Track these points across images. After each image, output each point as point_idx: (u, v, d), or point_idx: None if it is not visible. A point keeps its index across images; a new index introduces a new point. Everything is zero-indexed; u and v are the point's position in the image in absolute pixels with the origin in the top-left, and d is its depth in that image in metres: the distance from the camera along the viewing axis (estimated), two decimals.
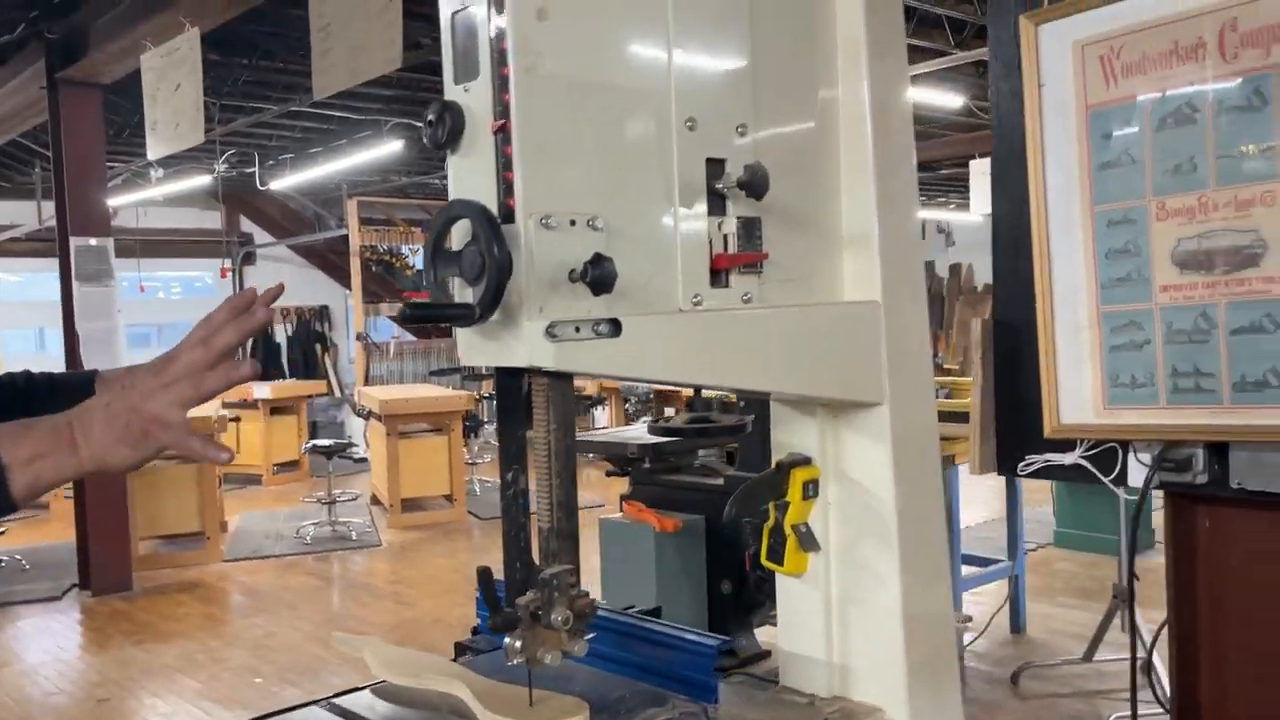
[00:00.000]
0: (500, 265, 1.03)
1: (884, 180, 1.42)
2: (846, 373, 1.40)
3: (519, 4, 1.07)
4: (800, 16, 1.39)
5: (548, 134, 1.09)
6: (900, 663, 1.42)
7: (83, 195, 6.03)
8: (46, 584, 6.29)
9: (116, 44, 5.29)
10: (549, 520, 1.15)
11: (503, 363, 1.11)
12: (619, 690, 1.29)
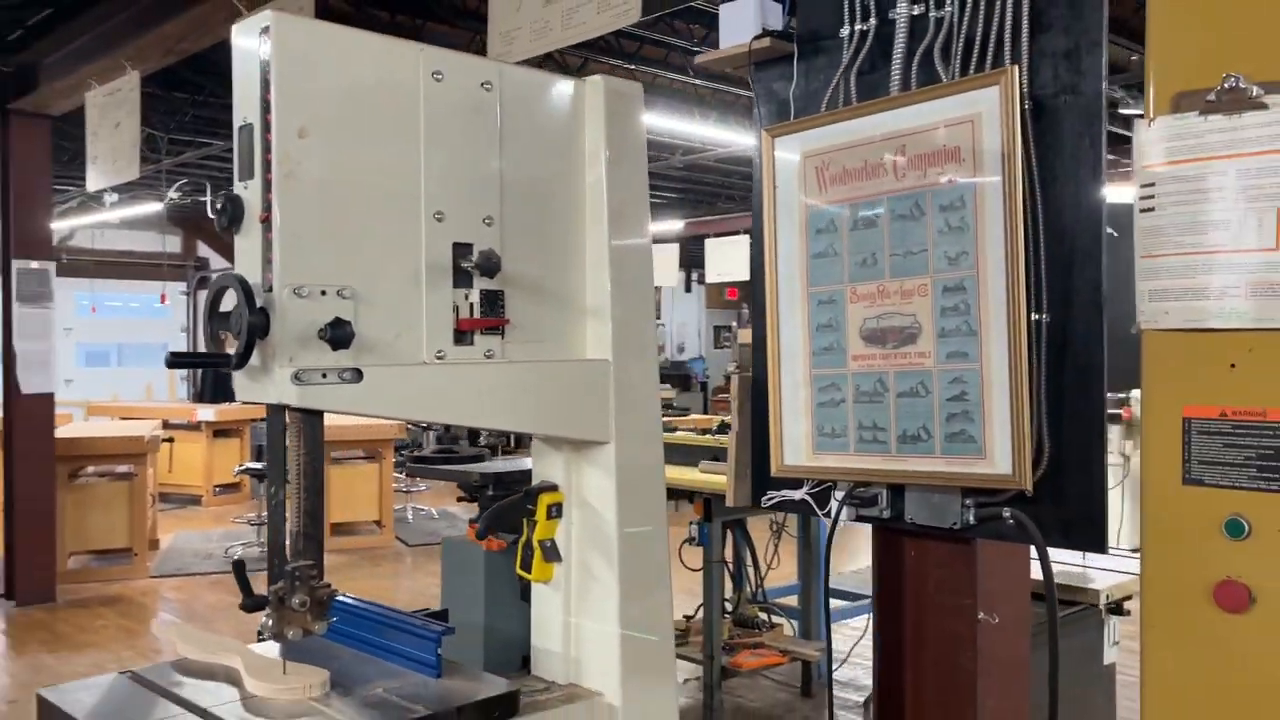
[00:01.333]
0: (251, 325, 1.35)
1: (618, 266, 1.76)
2: (577, 416, 1.73)
3: (282, 124, 1.41)
4: (549, 131, 1.73)
5: (302, 224, 1.42)
6: (616, 656, 1.74)
7: (27, 220, 6.29)
8: None
9: (65, 81, 5.59)
10: (297, 525, 1.47)
11: (259, 400, 1.43)
12: (362, 665, 1.60)
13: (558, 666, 1.81)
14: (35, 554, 6.31)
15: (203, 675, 1.57)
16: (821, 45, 2.08)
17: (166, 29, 4.62)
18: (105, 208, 9.92)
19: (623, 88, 1.80)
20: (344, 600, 1.67)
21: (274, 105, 1.39)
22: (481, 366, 1.62)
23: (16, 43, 5.82)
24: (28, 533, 6.28)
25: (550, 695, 1.75)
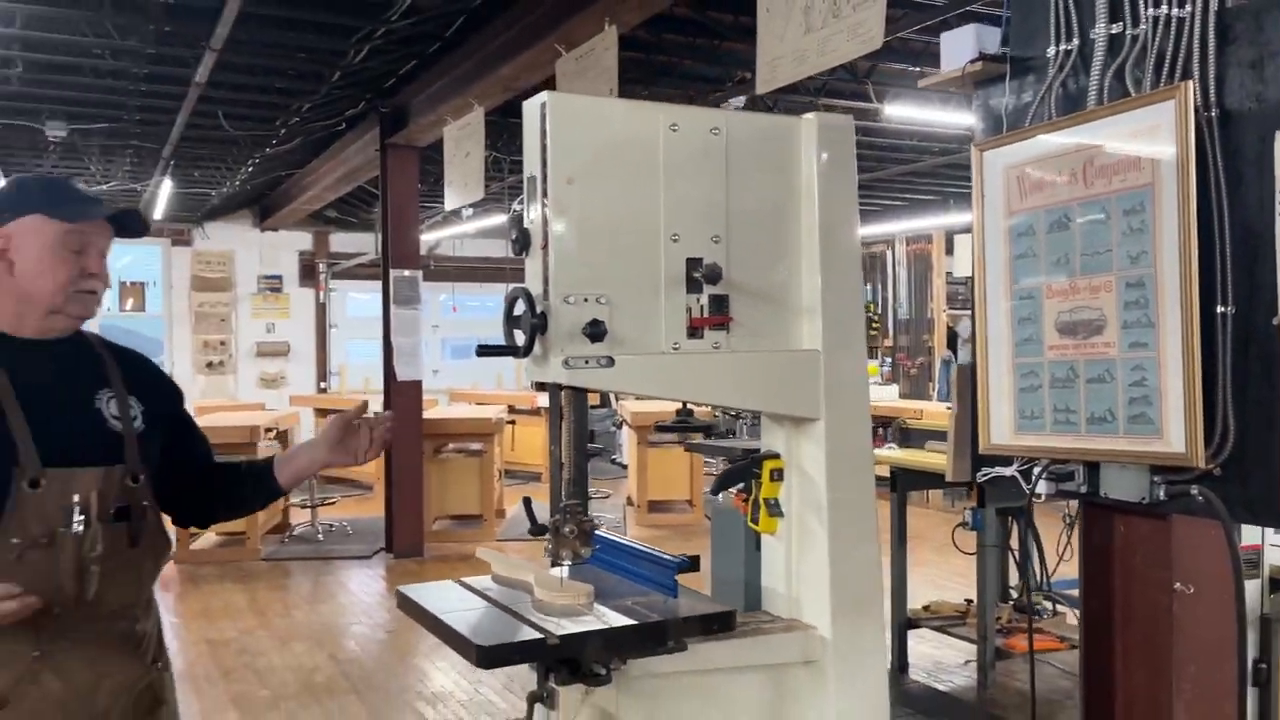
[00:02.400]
0: (533, 325, 1.85)
1: (828, 271, 2.10)
2: (790, 397, 2.09)
3: (555, 174, 1.89)
4: (770, 162, 2.11)
5: (569, 250, 1.90)
6: (827, 597, 2.09)
7: (400, 235, 7.53)
8: (362, 546, 7.83)
9: (427, 118, 6.66)
10: (569, 473, 1.96)
11: (540, 379, 1.94)
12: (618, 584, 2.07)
13: (781, 604, 2.18)
14: (408, 516, 7.53)
15: (506, 585, 2.11)
16: (1030, 64, 2.29)
17: (504, 71, 5.44)
18: (463, 220, 11.37)
19: (834, 121, 2.14)
20: (604, 535, 2.14)
21: (549, 161, 1.89)
22: (709, 356, 2.03)
23: (391, 89, 7.00)
24: (402, 498, 7.50)
25: (773, 625, 2.13)
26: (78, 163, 8.87)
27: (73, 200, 1.84)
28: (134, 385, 1.90)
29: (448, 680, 4.86)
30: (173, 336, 12.36)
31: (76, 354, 1.88)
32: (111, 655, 1.78)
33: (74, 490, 1.71)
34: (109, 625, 1.77)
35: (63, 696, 1.71)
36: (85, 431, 1.79)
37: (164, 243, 12.36)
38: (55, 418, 1.76)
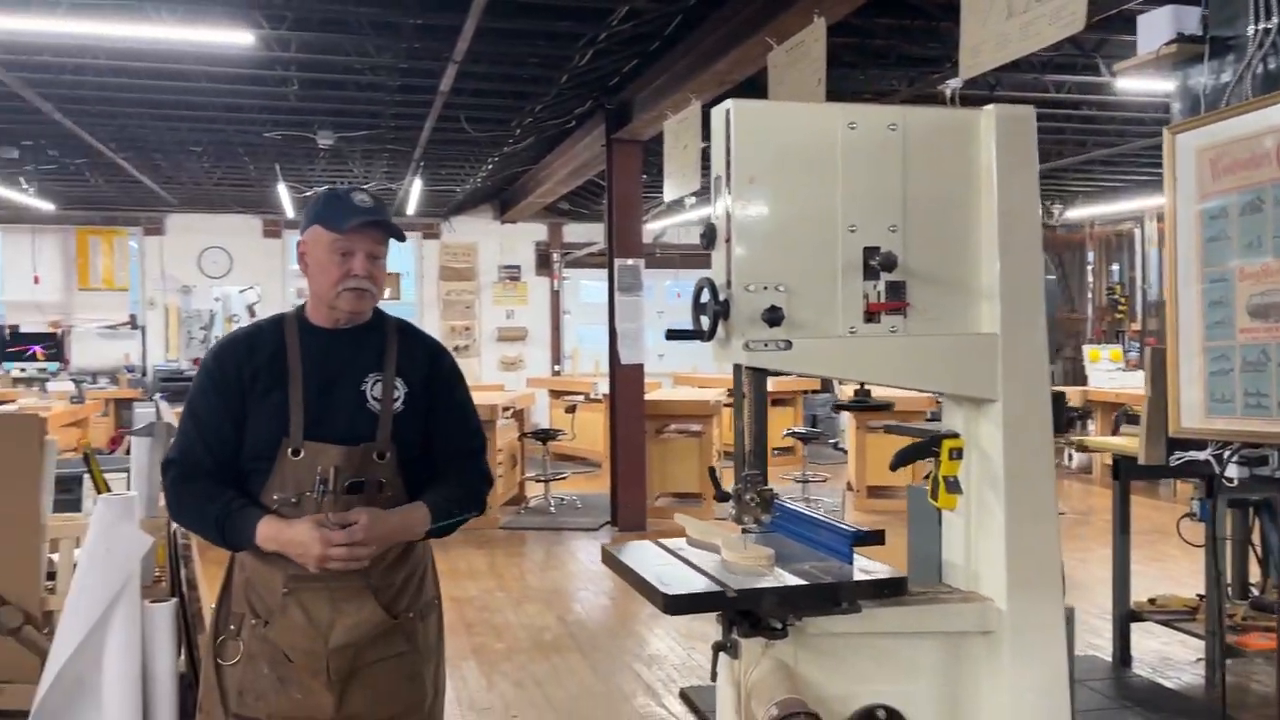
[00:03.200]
0: (716, 312, 2.05)
1: (1007, 256, 2.17)
2: (966, 379, 2.18)
3: (738, 175, 2.08)
4: (948, 154, 2.19)
5: (751, 243, 2.08)
6: (1004, 571, 2.17)
7: (625, 226, 7.90)
8: (590, 519, 8.31)
9: (649, 113, 6.97)
10: (751, 446, 2.14)
11: (724, 361, 2.13)
12: (798, 550, 2.24)
13: (960, 577, 2.28)
14: (632, 493, 7.91)
15: (698, 546, 2.33)
16: (1230, 44, 2.25)
17: (718, 66, 5.64)
18: (686, 209, 11.69)
19: (1014, 113, 2.20)
20: (785, 504, 2.32)
21: (732, 162, 2.08)
22: (885, 339, 2.15)
23: (615, 88, 7.36)
24: (626, 475, 7.90)
25: (950, 595, 2.24)
26: (343, 166, 9.84)
27: (341, 212, 2.11)
28: (406, 370, 2.15)
29: (663, 645, 5.16)
30: (424, 322, 13.44)
31: (361, 340, 2.16)
32: (348, 600, 2.04)
33: (322, 462, 2.03)
34: (343, 576, 2.03)
35: (304, 627, 2.03)
36: (346, 410, 2.08)
37: (416, 236, 13.45)
38: (326, 396, 2.09)
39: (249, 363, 2.11)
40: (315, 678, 2.03)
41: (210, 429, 2.11)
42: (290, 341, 2.13)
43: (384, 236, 2.16)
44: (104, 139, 8.23)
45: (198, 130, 8.20)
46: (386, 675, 2.08)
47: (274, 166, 9.66)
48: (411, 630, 2.15)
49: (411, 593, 2.16)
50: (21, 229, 12.12)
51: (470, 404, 2.31)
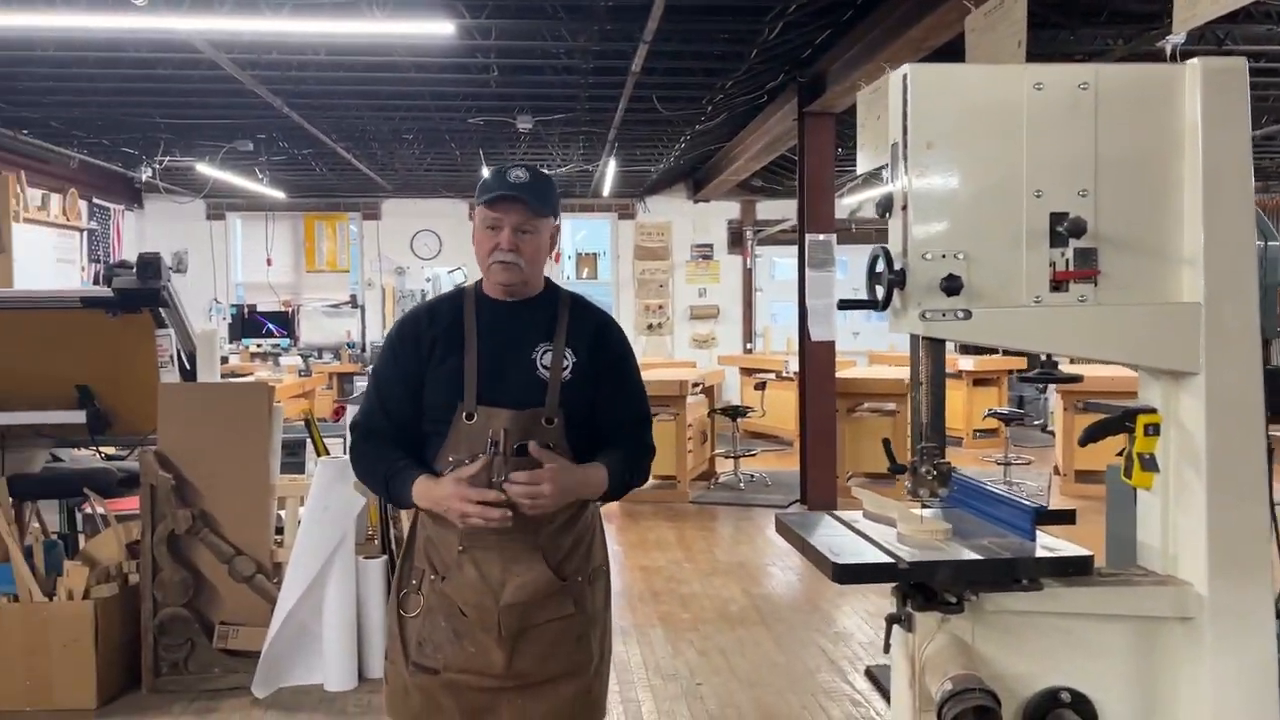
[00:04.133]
0: (891, 281, 2.02)
1: (1213, 221, 2.03)
2: (1163, 351, 2.06)
3: (915, 140, 2.04)
4: (1145, 113, 2.07)
5: (928, 210, 2.03)
6: (1204, 554, 2.04)
7: (817, 200, 7.80)
8: (780, 496, 8.31)
9: (842, 85, 6.85)
10: (927, 419, 2.10)
11: (898, 330, 2.10)
12: (977, 525, 2.18)
13: (1156, 559, 2.16)
14: (822, 471, 7.85)
15: (873, 519, 2.31)
16: None
17: (913, 33, 5.48)
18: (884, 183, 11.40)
19: (1223, 65, 2.05)
20: (964, 479, 2.26)
21: (909, 128, 2.04)
22: (1073, 309, 2.06)
23: (807, 60, 7.27)
24: (816, 453, 7.84)
25: (1145, 578, 2.13)
26: (543, 150, 10.18)
27: (489, 188, 2.21)
28: (575, 340, 2.21)
29: (850, 623, 5.12)
30: (619, 301, 13.74)
31: (532, 312, 2.24)
32: (518, 560, 2.12)
33: (493, 425, 2.12)
34: (513, 536, 2.11)
35: (478, 584, 2.13)
36: (518, 377, 2.16)
37: (611, 217, 13.74)
38: (498, 363, 2.17)
39: (428, 332, 2.24)
40: (487, 633, 2.12)
41: (389, 396, 2.25)
42: (468, 312, 2.24)
43: (532, 210, 2.19)
44: (326, 130, 8.86)
45: (409, 119, 8.69)
46: (554, 636, 2.15)
47: (478, 151, 10.10)
48: (580, 594, 2.20)
49: (579, 557, 2.21)
50: (257, 216, 13.23)
51: (636, 377, 2.34)
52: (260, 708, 4.02)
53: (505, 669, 2.12)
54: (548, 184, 2.27)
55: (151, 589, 4.23)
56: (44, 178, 10.08)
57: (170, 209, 12.65)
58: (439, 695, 2.15)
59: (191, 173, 10.67)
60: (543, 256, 2.26)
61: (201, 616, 4.28)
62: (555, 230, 2.30)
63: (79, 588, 4.11)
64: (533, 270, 2.23)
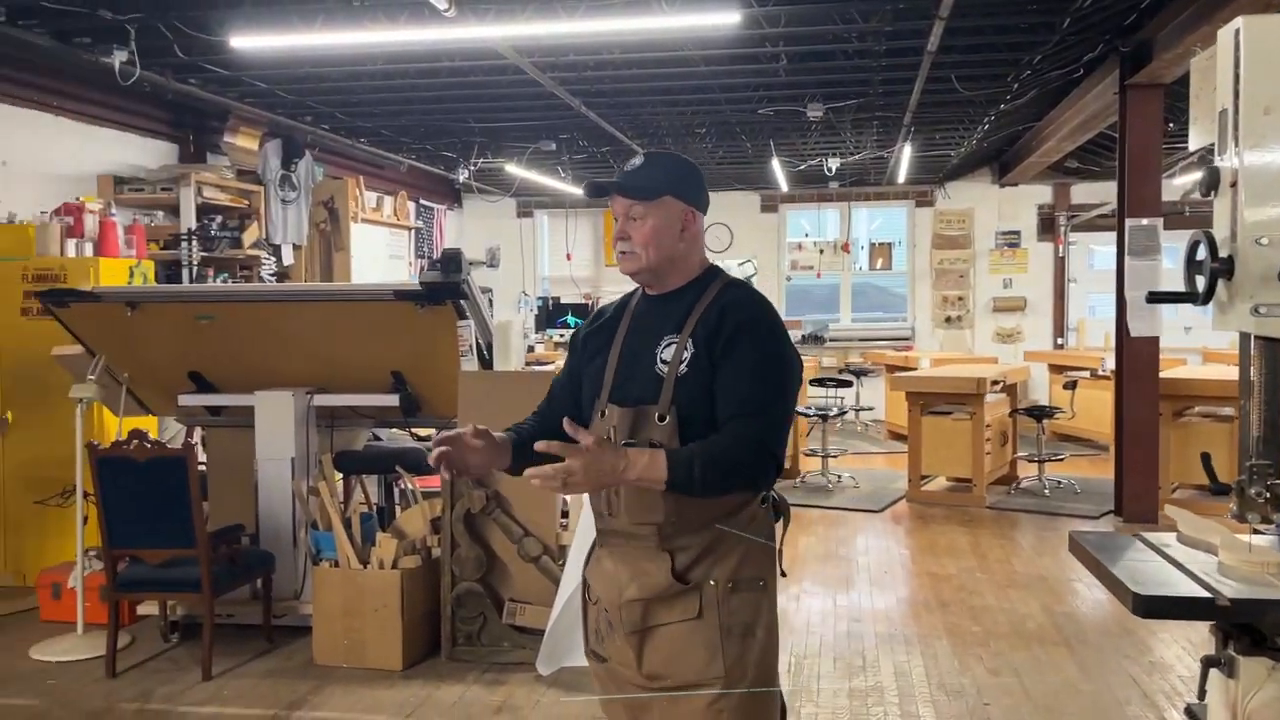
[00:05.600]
0: (1214, 270, 1.73)
1: None
2: None
3: (1249, 104, 1.73)
4: None
5: (1263, 186, 1.72)
6: None
7: (1139, 181, 7.05)
8: (1090, 505, 7.63)
9: (1173, 52, 6.12)
10: (1259, 431, 1.79)
11: (1224, 328, 1.79)
12: None
13: None
14: (1140, 481, 7.12)
15: (1190, 545, 2.01)
16: None
17: None
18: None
19: None
20: None
21: (1241, 92, 1.74)
22: None
23: (1130, 26, 6.57)
24: (1134, 461, 7.12)
25: None
26: (835, 138, 9.95)
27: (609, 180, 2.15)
28: (699, 332, 2.03)
29: (1169, 653, 4.58)
30: (915, 293, 13.19)
31: (673, 304, 2.10)
32: (641, 559, 2.03)
33: (609, 423, 2.05)
34: (634, 535, 2.04)
35: (609, 577, 2.09)
36: (638, 373, 2.06)
37: (908, 204, 13.21)
38: (632, 360, 2.09)
39: (589, 328, 2.24)
40: (617, 629, 2.08)
41: (556, 385, 2.30)
42: (629, 310, 2.19)
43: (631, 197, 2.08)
44: (621, 127, 9.13)
45: (700, 113, 8.77)
46: (676, 640, 2.02)
47: (768, 143, 10.03)
48: (709, 601, 2.01)
49: (711, 563, 2.02)
50: (559, 213, 13.92)
51: (757, 366, 2.00)
52: (544, 684, 4.20)
53: (638, 666, 2.06)
54: (656, 167, 2.13)
55: (450, 563, 4.53)
56: (378, 181, 11.13)
57: (484, 207, 13.58)
58: (608, 684, 2.15)
59: (502, 173, 11.38)
60: (663, 242, 2.08)
61: (493, 592, 4.53)
62: (683, 214, 2.11)
63: (389, 558, 4.48)
64: (653, 256, 2.08)
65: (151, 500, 4.29)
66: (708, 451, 1.94)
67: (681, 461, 1.92)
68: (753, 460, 1.97)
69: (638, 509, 2.02)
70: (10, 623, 5.08)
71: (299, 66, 6.79)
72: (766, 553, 2.07)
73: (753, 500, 2.06)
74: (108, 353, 4.88)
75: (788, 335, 2.10)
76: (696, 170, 2.19)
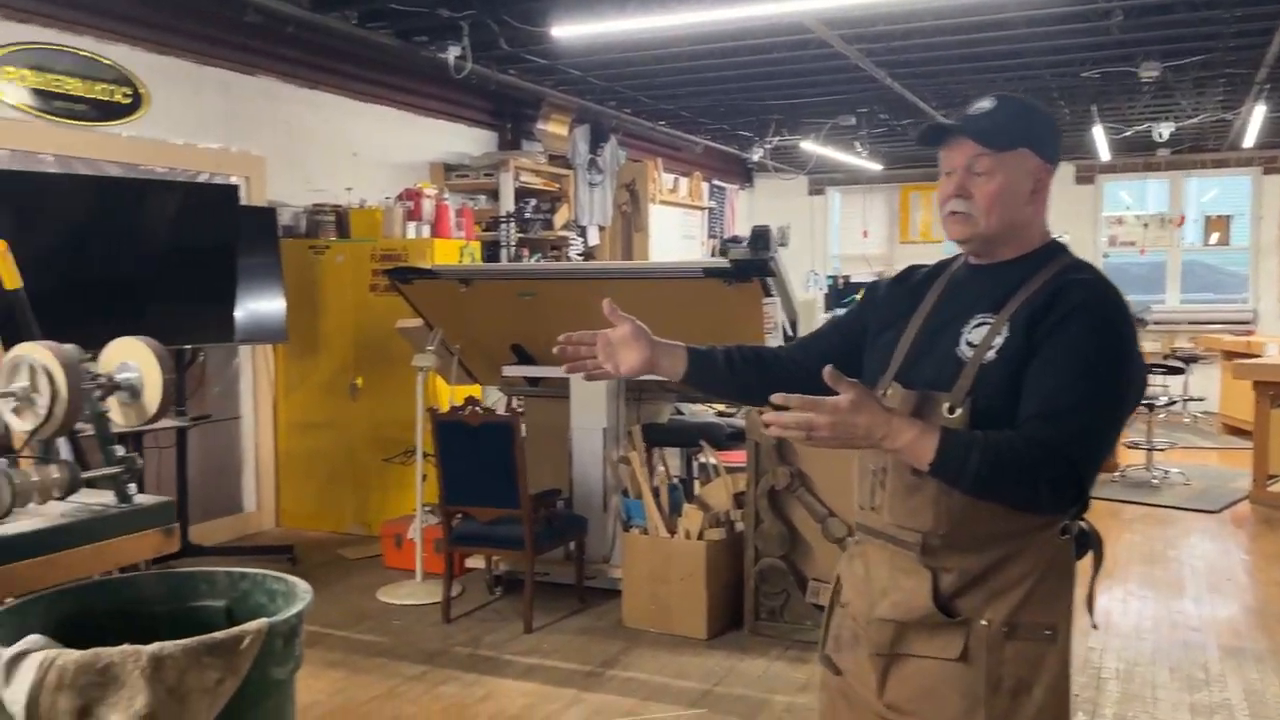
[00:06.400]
0: None
1: None
2: None
3: None
4: None
5: None
6: None
7: None
8: None
9: None
10: None
11: None
12: None
13: None
14: None
15: None
16: None
17: None
18: None
19: None
20: None
21: None
22: None
23: None
24: None
25: None
26: (1167, 99, 9.04)
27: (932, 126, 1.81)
28: (1022, 316, 1.67)
29: None
30: (1258, 270, 11.79)
31: (997, 277, 1.76)
32: (899, 570, 1.72)
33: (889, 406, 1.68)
34: (894, 542, 1.73)
35: (861, 583, 1.79)
36: (935, 353, 1.74)
37: (1253, 172, 11.80)
38: (930, 339, 1.77)
39: (893, 286, 1.93)
40: (862, 645, 1.78)
41: (821, 333, 2.05)
42: (943, 277, 1.85)
43: (984, 144, 1.70)
44: (926, 98, 8.77)
45: (1014, 79, 8.25)
46: (929, 677, 1.69)
47: (1089, 109, 9.28)
48: (978, 644, 1.65)
49: (985, 596, 1.66)
50: (855, 189, 13.64)
51: (1083, 361, 1.61)
52: None
53: (878, 692, 1.74)
54: (1009, 113, 1.74)
55: (754, 538, 4.56)
56: (674, 163, 11.38)
57: (775, 186, 13.55)
58: (837, 700, 1.87)
59: (795, 151, 11.29)
60: (1008, 204, 1.72)
61: (796, 570, 4.52)
62: (1037, 170, 1.75)
63: (695, 529, 4.58)
64: (994, 222, 1.72)
65: (482, 462, 4.63)
66: (994, 444, 1.58)
67: (958, 444, 1.58)
68: (1047, 472, 1.57)
69: (902, 509, 1.70)
70: (360, 567, 5.68)
71: (609, 53, 7.04)
72: (1061, 596, 1.68)
73: (1049, 527, 1.66)
74: (444, 325, 5.30)
75: (1135, 341, 1.69)
76: (1053, 120, 1.84)
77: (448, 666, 4.23)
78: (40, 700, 1.68)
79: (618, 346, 1.87)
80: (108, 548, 2.24)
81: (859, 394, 1.56)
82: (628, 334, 1.87)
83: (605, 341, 1.88)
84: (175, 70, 5.86)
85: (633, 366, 1.87)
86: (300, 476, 6.55)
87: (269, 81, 6.47)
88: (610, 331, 1.88)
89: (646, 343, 1.86)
